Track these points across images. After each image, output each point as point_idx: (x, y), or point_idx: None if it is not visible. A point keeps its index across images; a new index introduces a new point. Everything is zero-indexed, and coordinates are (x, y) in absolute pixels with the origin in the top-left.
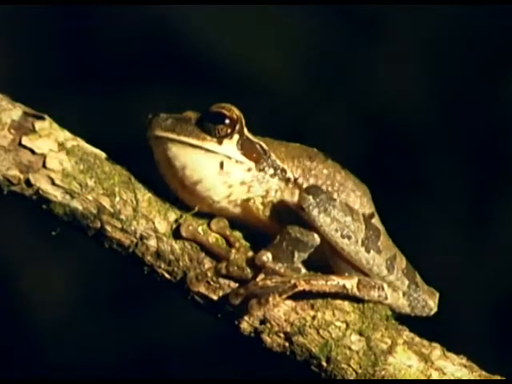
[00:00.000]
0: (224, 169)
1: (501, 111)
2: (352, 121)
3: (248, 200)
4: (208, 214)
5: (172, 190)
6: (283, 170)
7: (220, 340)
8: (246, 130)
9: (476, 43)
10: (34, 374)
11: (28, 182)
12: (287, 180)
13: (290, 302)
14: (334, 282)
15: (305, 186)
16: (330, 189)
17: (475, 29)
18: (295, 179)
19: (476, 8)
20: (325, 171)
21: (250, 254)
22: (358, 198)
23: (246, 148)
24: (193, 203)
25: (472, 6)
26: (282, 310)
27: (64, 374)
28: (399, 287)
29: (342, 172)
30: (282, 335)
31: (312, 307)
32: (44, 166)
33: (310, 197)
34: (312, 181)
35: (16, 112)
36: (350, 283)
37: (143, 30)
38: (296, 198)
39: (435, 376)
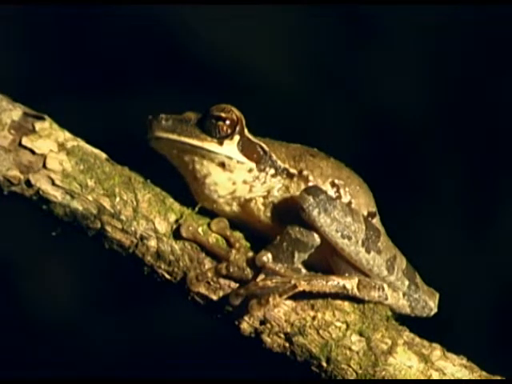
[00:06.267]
0: (226, 167)
1: (500, 111)
2: (352, 121)
3: (250, 200)
4: (208, 214)
5: (186, 181)
6: (284, 170)
7: (220, 340)
8: (246, 131)
9: (476, 44)
10: (34, 373)
11: (28, 183)
12: (291, 175)
13: (290, 303)
14: (335, 283)
15: (310, 177)
16: (337, 181)
17: (475, 29)
18: (300, 172)
19: (476, 8)
20: (330, 165)
21: (251, 254)
22: (365, 194)
23: (247, 149)
24: (200, 197)
25: (472, 7)
26: (282, 310)
27: (64, 373)
28: (399, 288)
29: (347, 168)
30: (282, 336)
31: (312, 308)
32: (44, 166)
33: (310, 197)
34: (317, 173)
35: (16, 112)
36: (351, 284)
37: (143, 30)
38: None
39: (435, 376)
